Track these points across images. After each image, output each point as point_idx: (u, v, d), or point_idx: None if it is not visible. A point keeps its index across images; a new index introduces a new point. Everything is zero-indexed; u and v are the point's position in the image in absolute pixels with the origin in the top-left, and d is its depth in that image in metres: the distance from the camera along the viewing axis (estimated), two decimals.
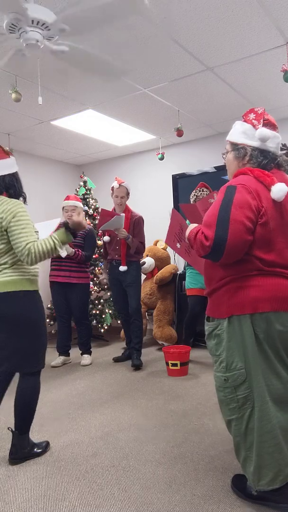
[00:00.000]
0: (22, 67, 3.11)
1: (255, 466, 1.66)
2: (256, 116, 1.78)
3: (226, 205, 1.58)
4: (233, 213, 1.55)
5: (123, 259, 3.96)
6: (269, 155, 1.74)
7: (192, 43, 2.89)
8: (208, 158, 5.04)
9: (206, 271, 1.81)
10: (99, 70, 2.85)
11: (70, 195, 4.34)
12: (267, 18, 2.64)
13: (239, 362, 1.65)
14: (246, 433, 1.67)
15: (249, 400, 1.65)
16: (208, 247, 1.56)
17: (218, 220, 1.55)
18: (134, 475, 2.04)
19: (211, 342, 1.77)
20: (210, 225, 1.57)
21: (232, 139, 1.82)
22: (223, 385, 1.70)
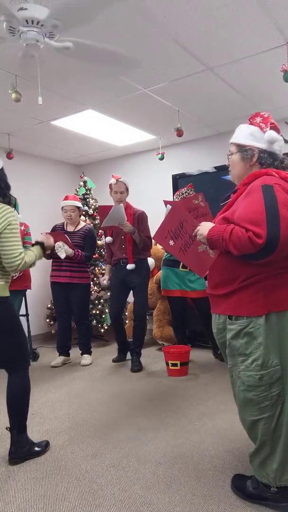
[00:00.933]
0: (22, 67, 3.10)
1: (280, 461, 1.68)
2: (263, 120, 1.82)
3: (271, 203, 1.58)
4: (282, 211, 1.57)
5: (130, 257, 3.85)
6: (277, 157, 1.80)
7: (192, 43, 2.89)
8: (208, 158, 5.04)
9: (223, 272, 1.76)
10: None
11: (69, 195, 4.34)
12: (267, 18, 2.64)
13: (275, 359, 1.66)
14: (275, 430, 1.69)
15: (281, 396, 1.67)
16: (260, 244, 1.54)
17: (268, 218, 1.55)
18: (134, 475, 2.04)
19: (239, 341, 1.72)
20: (258, 222, 1.55)
21: (238, 141, 1.85)
22: (256, 384, 1.68)
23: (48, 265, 4.31)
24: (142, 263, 3.95)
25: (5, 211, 2.12)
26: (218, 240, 1.67)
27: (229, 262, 1.73)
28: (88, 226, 4.27)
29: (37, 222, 4.79)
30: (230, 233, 1.61)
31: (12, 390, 2.20)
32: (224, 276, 1.75)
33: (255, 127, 1.82)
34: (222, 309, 1.78)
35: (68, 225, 4.23)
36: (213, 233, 1.69)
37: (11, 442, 2.21)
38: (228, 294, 1.74)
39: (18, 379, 2.21)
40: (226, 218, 1.73)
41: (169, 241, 2.07)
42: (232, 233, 1.60)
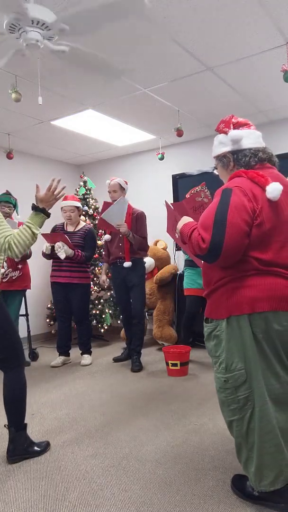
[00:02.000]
0: (22, 67, 3.11)
1: (256, 466, 1.66)
2: (225, 124, 1.85)
3: (222, 207, 1.59)
4: (230, 216, 1.56)
5: (127, 255, 3.92)
6: (248, 152, 1.77)
7: (192, 43, 2.89)
8: (208, 158, 5.03)
9: (204, 273, 1.81)
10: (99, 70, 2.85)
11: (68, 195, 4.34)
12: (267, 18, 2.64)
13: (239, 363, 1.65)
14: (248, 434, 1.67)
15: (249, 401, 1.65)
16: (204, 249, 1.58)
17: (215, 223, 1.57)
18: (134, 475, 2.04)
19: (210, 343, 1.77)
20: (207, 227, 1.59)
21: (214, 153, 1.89)
22: (223, 386, 1.70)
23: (48, 265, 4.31)
24: (139, 263, 4.01)
25: None
26: (183, 236, 1.74)
27: (206, 265, 1.78)
28: (88, 226, 4.27)
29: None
30: (192, 232, 1.67)
31: (8, 388, 2.20)
32: (204, 278, 1.82)
33: (221, 134, 1.85)
34: (205, 310, 1.84)
35: (68, 225, 4.23)
36: (183, 229, 1.76)
37: (9, 440, 2.21)
38: (207, 295, 1.80)
39: (13, 377, 2.21)
40: None
41: (175, 234, 2.14)
42: (192, 233, 1.66)
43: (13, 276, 3.93)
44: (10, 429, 2.21)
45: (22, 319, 4.27)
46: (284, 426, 1.67)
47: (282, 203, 1.69)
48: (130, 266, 3.90)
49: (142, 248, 4.01)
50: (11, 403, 2.20)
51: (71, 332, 4.34)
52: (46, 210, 2.11)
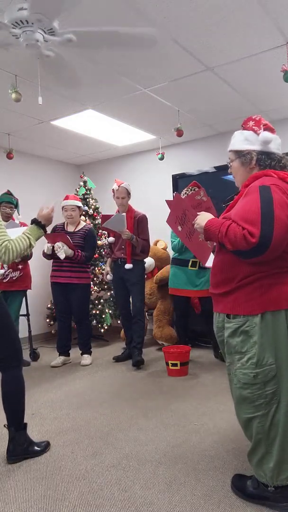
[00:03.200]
0: (22, 67, 3.11)
1: (277, 461, 1.68)
2: (255, 123, 1.85)
3: (267, 203, 1.61)
4: (276, 211, 1.59)
5: (129, 258, 3.99)
6: (275, 157, 1.82)
7: (192, 43, 2.89)
8: (208, 158, 5.04)
9: (223, 271, 1.78)
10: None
11: (69, 195, 4.35)
12: (267, 18, 2.64)
13: (270, 358, 1.66)
14: (270, 429, 1.69)
15: (276, 395, 1.67)
16: (253, 243, 1.57)
17: (263, 218, 1.58)
18: (134, 475, 2.04)
19: (235, 339, 1.74)
20: (254, 222, 1.58)
21: (236, 148, 1.88)
22: (251, 382, 1.70)
23: (48, 265, 4.31)
24: (139, 264, 4.07)
25: None
26: (214, 232, 1.71)
27: (228, 261, 1.75)
28: (88, 226, 4.27)
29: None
30: (227, 228, 1.65)
31: (6, 388, 2.20)
32: (223, 275, 1.78)
33: (249, 131, 1.85)
34: (221, 307, 1.81)
35: (68, 225, 4.23)
36: (210, 225, 1.74)
37: (9, 440, 2.21)
38: (227, 292, 1.77)
39: (12, 377, 2.21)
40: (226, 218, 1.76)
41: (177, 227, 2.15)
42: (229, 228, 1.64)
43: (13, 276, 3.93)
44: (9, 429, 2.21)
45: (23, 319, 4.27)
46: None
47: None
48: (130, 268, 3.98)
49: (144, 251, 4.09)
50: (10, 403, 2.20)
51: (71, 332, 4.34)
52: (45, 227, 2.26)
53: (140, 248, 4.00)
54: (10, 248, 2.03)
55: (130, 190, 4.10)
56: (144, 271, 4.21)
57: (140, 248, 3.99)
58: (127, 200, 4.07)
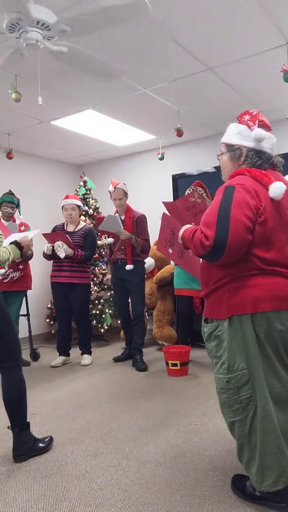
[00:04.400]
0: (22, 67, 3.11)
1: (258, 467, 1.66)
2: (251, 118, 1.80)
3: (225, 204, 1.58)
4: (233, 212, 1.55)
5: (129, 258, 3.97)
6: (264, 156, 1.76)
7: (192, 43, 2.89)
8: (208, 158, 5.04)
9: (203, 273, 1.79)
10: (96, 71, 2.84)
11: (69, 194, 4.35)
12: (267, 18, 2.64)
13: (241, 363, 1.64)
14: (250, 434, 1.67)
15: (252, 401, 1.64)
16: (208, 246, 1.55)
17: (218, 220, 1.55)
18: (134, 475, 2.04)
19: (211, 344, 1.76)
20: (210, 224, 1.56)
21: (227, 141, 1.83)
22: (225, 387, 1.69)
23: (49, 265, 4.31)
24: (139, 265, 4.06)
25: None
26: (186, 241, 1.71)
27: (204, 265, 1.76)
28: (88, 226, 4.27)
29: (37, 222, 4.80)
30: (193, 234, 1.64)
31: (6, 389, 2.20)
32: (203, 279, 1.79)
33: (243, 125, 1.80)
34: (204, 310, 1.82)
35: (68, 224, 4.23)
36: (184, 234, 1.73)
37: (14, 440, 2.22)
38: (206, 296, 1.78)
39: (11, 378, 2.21)
40: None
41: (168, 250, 2.12)
42: (194, 234, 1.63)
43: (14, 276, 3.93)
44: (13, 430, 2.21)
45: (23, 319, 4.27)
46: (284, 426, 1.67)
47: (284, 203, 1.69)
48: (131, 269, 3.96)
49: (144, 251, 4.08)
50: (11, 404, 2.20)
51: (71, 332, 4.34)
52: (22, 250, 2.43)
53: (140, 248, 3.99)
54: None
55: (126, 190, 4.07)
56: (144, 272, 4.20)
57: (140, 248, 3.98)
58: (124, 201, 4.05)
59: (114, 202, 4.06)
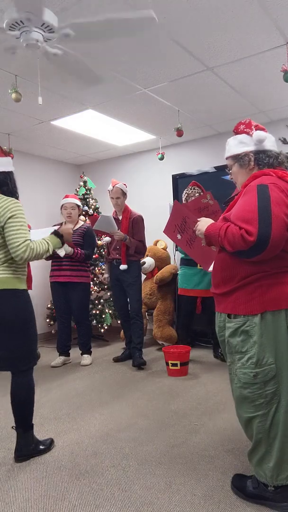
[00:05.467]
0: (22, 67, 3.11)
1: (277, 461, 1.68)
2: (246, 126, 1.87)
3: (264, 201, 1.60)
4: (274, 209, 1.58)
5: (123, 258, 3.98)
6: (271, 154, 1.82)
7: (192, 43, 2.89)
8: (208, 158, 5.04)
9: (225, 269, 1.78)
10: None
11: (69, 194, 4.35)
12: (267, 18, 2.64)
13: (270, 358, 1.66)
14: (271, 428, 1.69)
15: (276, 395, 1.67)
16: (251, 242, 1.56)
17: (260, 216, 1.57)
18: (134, 475, 2.04)
19: (236, 339, 1.75)
20: (251, 220, 1.58)
21: (232, 153, 1.89)
22: (251, 381, 1.70)
23: (48, 265, 4.31)
24: (134, 264, 4.07)
25: (8, 203, 2.11)
26: (214, 236, 1.71)
27: (228, 261, 1.76)
28: (87, 225, 4.27)
29: (37, 222, 4.80)
30: (226, 230, 1.65)
31: (16, 390, 2.20)
32: (224, 275, 1.78)
33: (242, 134, 1.86)
34: (222, 307, 1.81)
35: (67, 224, 4.23)
36: (210, 230, 1.74)
37: (16, 441, 2.22)
38: (228, 292, 1.77)
39: (22, 380, 2.22)
40: (225, 218, 1.77)
41: (177, 235, 2.15)
42: (227, 230, 1.65)
43: None
44: (17, 431, 2.22)
45: None
46: None
47: None
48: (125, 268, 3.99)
49: (139, 252, 4.08)
50: (19, 406, 2.21)
51: (71, 332, 4.34)
52: (63, 239, 2.35)
53: (135, 249, 3.99)
54: (31, 247, 2.08)
55: (125, 190, 4.06)
56: (140, 271, 4.22)
57: (133, 249, 3.98)
58: (122, 200, 4.05)
59: (112, 201, 4.06)
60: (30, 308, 2.23)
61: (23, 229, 2.09)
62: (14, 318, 2.13)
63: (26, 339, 2.19)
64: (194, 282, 4.13)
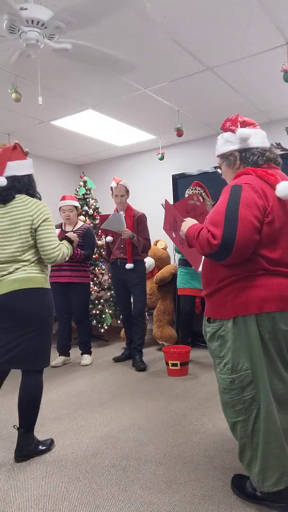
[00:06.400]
0: (22, 67, 3.11)
1: (261, 467, 1.65)
2: (232, 122, 1.84)
3: (233, 204, 1.57)
4: (241, 212, 1.54)
5: (129, 257, 3.93)
6: (256, 151, 1.76)
7: (192, 43, 2.89)
8: (208, 158, 5.04)
9: (205, 272, 1.78)
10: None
11: (66, 195, 4.33)
12: (267, 18, 2.64)
13: (245, 363, 1.64)
14: (253, 434, 1.67)
15: (255, 401, 1.64)
16: (215, 245, 1.54)
17: (226, 219, 1.54)
18: (134, 475, 2.04)
19: (214, 343, 1.75)
20: (217, 223, 1.56)
21: (219, 152, 1.87)
22: (229, 387, 1.68)
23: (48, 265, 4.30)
24: (139, 264, 4.04)
25: (43, 207, 2.21)
26: (190, 238, 1.70)
27: (208, 264, 1.75)
28: (86, 225, 4.27)
29: None
30: (199, 232, 1.63)
31: (24, 392, 2.20)
32: (205, 277, 1.79)
33: (227, 132, 1.83)
34: (205, 310, 1.82)
35: (66, 225, 4.23)
36: (189, 231, 1.73)
37: (17, 441, 2.22)
38: (209, 295, 1.77)
39: (31, 382, 2.21)
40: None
41: (172, 233, 2.14)
42: (200, 233, 1.63)
43: None
44: (19, 430, 2.22)
45: None
46: (286, 426, 1.67)
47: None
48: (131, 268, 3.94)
49: (145, 250, 4.05)
50: (25, 408, 2.21)
51: (71, 332, 4.34)
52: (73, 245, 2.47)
53: (142, 248, 3.96)
54: (63, 251, 2.21)
55: (129, 187, 4.04)
56: (145, 271, 4.18)
57: (141, 247, 3.94)
58: (126, 198, 4.01)
59: (115, 199, 4.01)
60: (52, 307, 2.27)
61: (54, 233, 2.20)
62: (39, 315, 2.16)
63: (46, 338, 2.21)
64: (192, 281, 4.13)
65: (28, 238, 2.14)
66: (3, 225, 2.13)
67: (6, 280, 2.11)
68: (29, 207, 2.16)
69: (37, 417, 2.27)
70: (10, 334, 2.12)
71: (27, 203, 2.18)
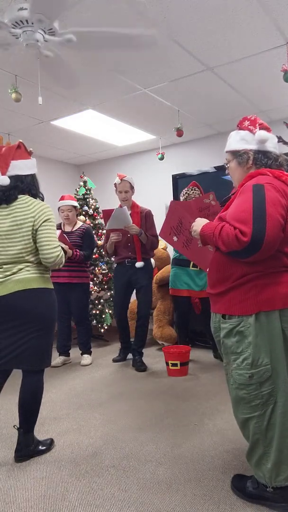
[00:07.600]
0: (22, 67, 3.11)
1: (274, 462, 1.67)
2: (251, 122, 1.85)
3: (259, 202, 1.60)
4: (269, 209, 1.58)
5: (139, 255, 3.82)
6: (271, 155, 1.81)
7: (192, 43, 2.89)
8: (208, 158, 5.04)
9: (220, 270, 1.78)
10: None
11: (65, 195, 4.33)
12: (267, 18, 2.64)
13: (265, 358, 1.66)
14: (267, 429, 1.68)
15: (272, 396, 1.67)
16: (245, 242, 1.56)
17: (255, 216, 1.57)
18: (134, 475, 2.04)
19: (231, 340, 1.74)
20: (246, 221, 1.58)
21: (232, 148, 1.88)
22: (247, 382, 1.69)
23: None
24: (148, 263, 3.96)
25: (43, 206, 2.20)
26: (209, 236, 1.71)
27: (223, 261, 1.75)
28: (85, 225, 4.26)
29: None
30: (220, 230, 1.65)
31: (24, 392, 2.20)
32: (219, 275, 1.78)
33: (245, 131, 1.85)
34: (217, 307, 1.81)
35: (65, 225, 4.23)
36: (205, 229, 1.74)
37: (17, 441, 2.22)
38: (223, 292, 1.76)
39: (31, 382, 2.21)
40: (221, 217, 1.76)
41: (173, 237, 2.14)
42: (222, 230, 1.64)
43: None
44: (19, 430, 2.22)
45: None
46: None
47: None
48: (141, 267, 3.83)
49: (153, 247, 3.94)
50: (25, 407, 2.21)
51: (71, 332, 4.34)
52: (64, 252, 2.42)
53: (150, 244, 3.84)
54: (62, 254, 2.19)
55: (133, 183, 3.94)
56: (152, 271, 4.08)
57: (149, 244, 3.83)
58: (130, 195, 3.90)
59: (120, 196, 3.90)
60: (56, 308, 2.27)
61: (55, 234, 2.19)
62: (43, 315, 2.16)
63: (49, 338, 2.21)
64: (185, 282, 4.11)
65: (31, 239, 2.14)
66: (6, 227, 2.13)
67: (10, 281, 2.11)
68: (31, 208, 2.15)
69: (37, 417, 2.27)
70: (14, 335, 2.12)
71: (29, 204, 2.17)
